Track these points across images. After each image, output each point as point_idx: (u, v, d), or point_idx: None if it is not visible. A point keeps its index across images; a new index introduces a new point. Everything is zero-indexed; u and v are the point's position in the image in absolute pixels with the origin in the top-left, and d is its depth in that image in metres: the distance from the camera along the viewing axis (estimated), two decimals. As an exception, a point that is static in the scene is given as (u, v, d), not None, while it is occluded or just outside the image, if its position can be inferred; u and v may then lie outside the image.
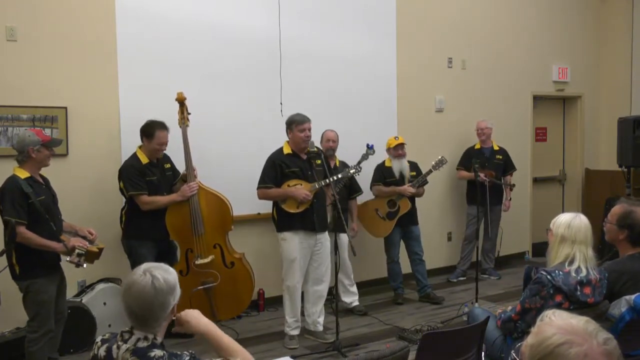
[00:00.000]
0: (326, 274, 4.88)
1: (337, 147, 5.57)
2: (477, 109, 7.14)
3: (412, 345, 3.36)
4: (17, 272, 3.78)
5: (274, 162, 4.72)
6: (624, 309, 2.88)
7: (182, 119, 4.75)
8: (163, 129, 4.60)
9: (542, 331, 1.38)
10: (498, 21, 7.34)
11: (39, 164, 3.86)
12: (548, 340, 1.35)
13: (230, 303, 4.83)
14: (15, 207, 3.65)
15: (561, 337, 1.34)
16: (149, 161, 4.63)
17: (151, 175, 4.61)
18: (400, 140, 5.75)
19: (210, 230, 4.74)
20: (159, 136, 4.56)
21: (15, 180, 3.72)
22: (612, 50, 8.31)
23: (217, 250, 4.77)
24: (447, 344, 2.89)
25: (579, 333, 1.35)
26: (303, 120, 4.70)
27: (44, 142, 3.84)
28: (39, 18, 4.72)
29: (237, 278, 4.82)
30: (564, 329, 1.36)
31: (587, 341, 1.34)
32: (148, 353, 1.94)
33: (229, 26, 5.50)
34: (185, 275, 4.66)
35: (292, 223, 4.71)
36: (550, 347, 1.34)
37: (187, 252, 4.73)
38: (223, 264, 4.79)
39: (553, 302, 2.89)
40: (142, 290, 1.94)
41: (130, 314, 1.98)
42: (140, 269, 2.01)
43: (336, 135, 5.59)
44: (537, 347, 1.36)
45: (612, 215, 3.20)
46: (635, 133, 6.37)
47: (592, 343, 1.33)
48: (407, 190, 5.70)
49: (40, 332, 3.82)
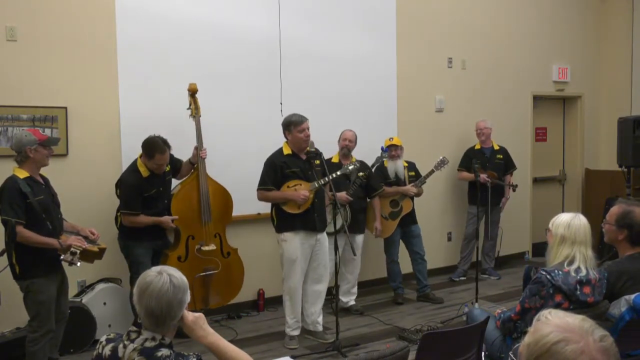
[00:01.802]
0: (325, 273, 4.88)
1: (354, 147, 5.52)
2: (477, 109, 7.15)
3: (412, 345, 3.37)
4: (17, 272, 3.79)
5: (273, 163, 4.72)
6: (624, 308, 2.89)
7: (195, 109, 4.85)
8: (163, 153, 4.49)
9: (539, 330, 1.39)
10: (498, 21, 7.34)
11: (37, 163, 3.86)
12: (545, 338, 1.36)
13: (222, 291, 5.02)
14: (13, 207, 3.66)
15: (557, 335, 1.35)
16: (149, 174, 4.59)
17: (150, 190, 4.58)
18: (394, 142, 5.74)
19: (214, 219, 4.91)
20: (158, 159, 4.51)
21: (14, 180, 3.73)
22: (612, 50, 8.31)
23: (217, 239, 4.95)
24: (447, 344, 2.89)
25: (575, 331, 1.36)
26: (301, 121, 4.69)
27: (41, 141, 3.84)
28: (39, 18, 4.72)
29: (232, 268, 5.03)
30: (560, 327, 1.37)
31: (583, 338, 1.35)
32: (155, 353, 1.95)
33: (229, 26, 5.50)
34: (183, 261, 4.77)
35: (293, 223, 4.70)
36: (547, 345, 1.35)
37: (188, 239, 4.81)
38: (221, 254, 4.97)
39: (553, 301, 2.89)
40: (161, 289, 1.96)
41: (149, 315, 1.97)
42: (152, 271, 2.02)
43: (354, 135, 5.55)
44: (534, 346, 1.37)
45: (610, 216, 3.19)
46: (635, 133, 6.36)
47: (589, 340, 1.35)
48: (410, 190, 5.70)
49: (41, 331, 3.83)
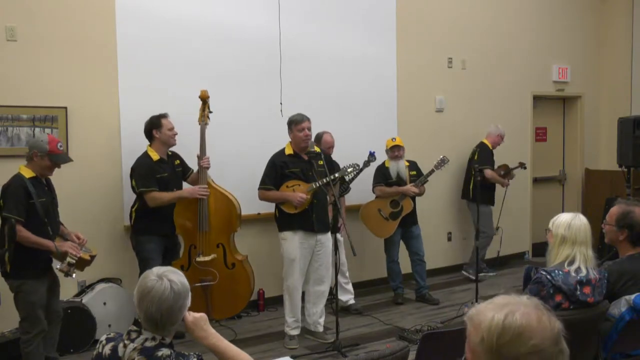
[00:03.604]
0: (327, 274, 4.89)
1: (332, 151, 5.51)
2: (477, 109, 7.15)
3: (412, 345, 3.36)
4: (8, 271, 3.77)
5: (274, 162, 4.75)
6: (624, 308, 2.89)
7: (203, 116, 4.85)
8: (165, 117, 4.72)
9: (480, 322, 1.38)
10: (498, 21, 7.34)
11: (40, 169, 3.85)
12: (492, 322, 1.35)
13: (226, 303, 4.87)
14: (17, 205, 3.68)
15: (500, 314, 1.35)
16: (159, 158, 4.69)
17: (162, 172, 4.67)
18: (397, 142, 5.74)
19: (215, 229, 4.79)
20: (166, 123, 4.69)
21: (21, 178, 3.75)
22: (612, 50, 8.31)
23: (219, 249, 4.81)
24: (447, 344, 2.89)
25: (508, 303, 1.38)
26: (301, 120, 4.70)
27: (50, 152, 3.81)
28: (39, 18, 4.72)
29: (236, 280, 4.85)
30: (495, 306, 1.38)
31: (519, 304, 1.37)
32: (155, 352, 1.95)
33: (229, 26, 5.50)
34: (186, 270, 4.70)
35: (292, 223, 4.73)
36: (499, 326, 1.34)
37: (190, 248, 4.79)
38: (224, 264, 4.82)
39: (553, 301, 2.88)
40: (162, 295, 1.95)
41: (149, 319, 1.97)
42: (152, 274, 2.01)
43: (333, 141, 5.56)
44: (488, 334, 1.35)
45: (610, 217, 3.19)
46: (635, 133, 6.36)
47: (522, 302, 1.37)
48: (410, 190, 5.69)
49: (33, 332, 3.83)
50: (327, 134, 5.57)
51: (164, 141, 4.70)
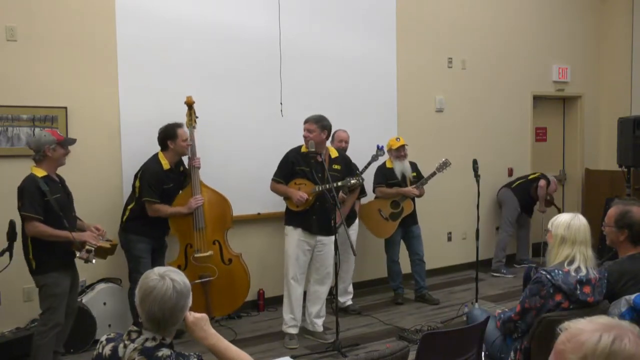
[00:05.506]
0: (327, 276, 4.90)
1: (347, 147, 5.55)
2: (477, 109, 7.15)
3: (412, 345, 3.36)
4: (34, 267, 3.89)
5: (287, 157, 4.84)
6: (624, 308, 2.88)
7: (190, 121, 4.88)
8: (181, 126, 4.75)
9: (585, 341, 1.33)
10: (498, 21, 7.34)
11: (55, 162, 3.97)
12: (599, 344, 1.31)
13: (225, 300, 4.92)
14: (33, 204, 3.79)
15: (608, 336, 1.32)
16: (169, 167, 4.73)
17: (168, 183, 4.73)
18: (402, 142, 5.74)
19: (210, 226, 4.84)
20: (181, 133, 4.72)
21: (33, 178, 3.84)
22: (612, 50, 8.31)
23: (215, 246, 4.88)
24: (447, 344, 2.89)
25: (614, 326, 1.34)
26: (304, 121, 4.77)
27: (59, 141, 3.95)
28: (39, 18, 4.71)
29: (234, 275, 4.92)
30: (601, 327, 1.34)
31: (623, 328, 1.33)
32: (155, 352, 1.95)
33: (229, 26, 5.50)
34: (183, 269, 4.69)
35: (293, 219, 4.82)
36: (606, 350, 1.30)
37: (186, 247, 4.81)
38: (221, 260, 4.89)
39: (553, 301, 2.89)
40: (164, 294, 1.95)
41: (151, 319, 1.97)
42: (154, 274, 2.01)
43: (348, 136, 5.60)
44: (593, 357, 1.31)
45: (609, 218, 3.18)
46: (635, 133, 6.36)
47: (626, 326, 1.34)
48: (411, 192, 5.69)
49: (50, 324, 3.90)
50: (340, 130, 5.58)
51: (178, 152, 4.75)
